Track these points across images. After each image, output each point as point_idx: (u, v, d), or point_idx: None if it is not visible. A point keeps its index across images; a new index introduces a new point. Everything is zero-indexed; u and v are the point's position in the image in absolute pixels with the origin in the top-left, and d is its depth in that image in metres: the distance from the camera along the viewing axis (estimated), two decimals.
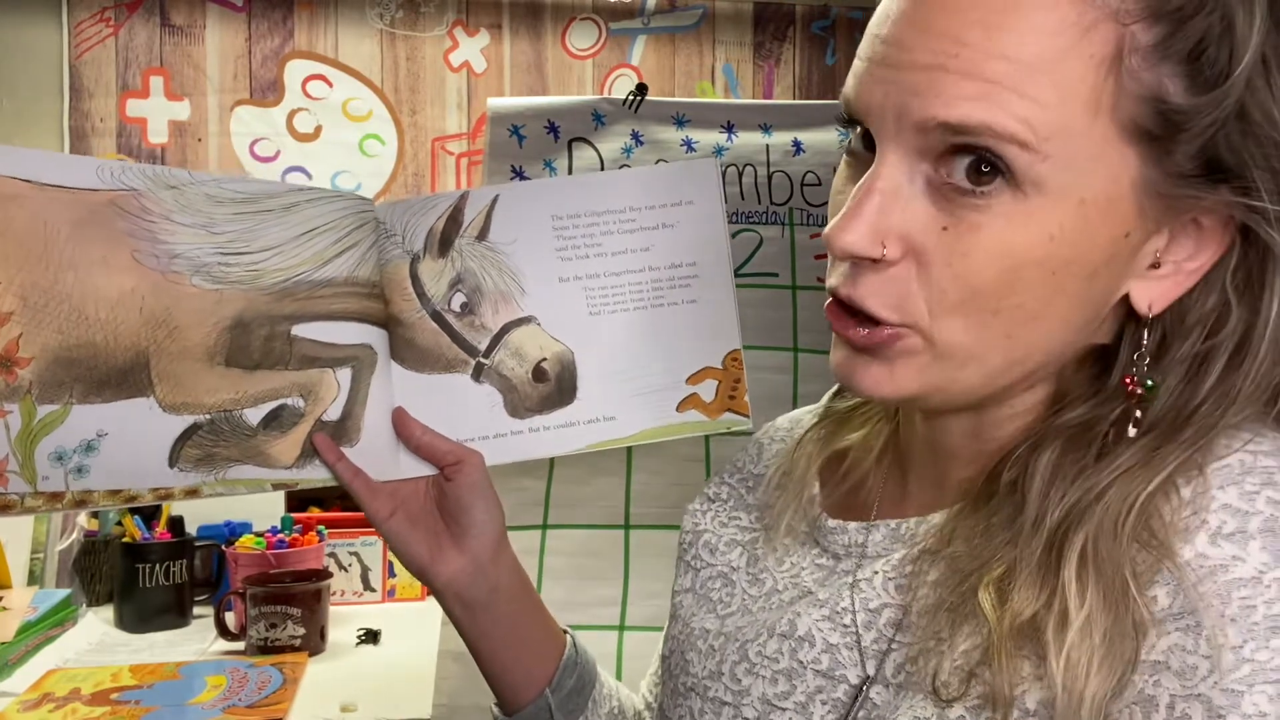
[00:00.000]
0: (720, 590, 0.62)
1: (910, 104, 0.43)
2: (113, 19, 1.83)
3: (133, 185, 0.60)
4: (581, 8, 1.97)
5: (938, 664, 0.46)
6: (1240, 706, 0.37)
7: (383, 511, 0.65)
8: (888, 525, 0.55)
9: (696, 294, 0.70)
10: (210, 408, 0.62)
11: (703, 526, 0.66)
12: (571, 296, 0.69)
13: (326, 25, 1.90)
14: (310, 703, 1.09)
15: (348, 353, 0.66)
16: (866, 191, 0.45)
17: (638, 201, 0.70)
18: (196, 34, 1.86)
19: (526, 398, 0.69)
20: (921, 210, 0.44)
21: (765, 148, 1.10)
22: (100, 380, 0.59)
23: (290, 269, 0.64)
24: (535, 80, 1.96)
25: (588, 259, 0.69)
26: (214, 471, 0.62)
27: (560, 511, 1.05)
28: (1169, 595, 0.40)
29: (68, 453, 0.59)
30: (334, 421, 0.65)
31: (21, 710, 1.04)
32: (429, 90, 1.93)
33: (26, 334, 0.57)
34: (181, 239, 0.61)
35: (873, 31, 0.46)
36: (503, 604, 0.68)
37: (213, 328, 0.62)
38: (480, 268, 0.69)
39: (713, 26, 2.01)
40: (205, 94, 1.86)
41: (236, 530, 1.52)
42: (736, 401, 0.71)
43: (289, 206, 0.64)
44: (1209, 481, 0.42)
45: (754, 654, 0.55)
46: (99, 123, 1.83)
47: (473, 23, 1.94)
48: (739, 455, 0.70)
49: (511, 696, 0.70)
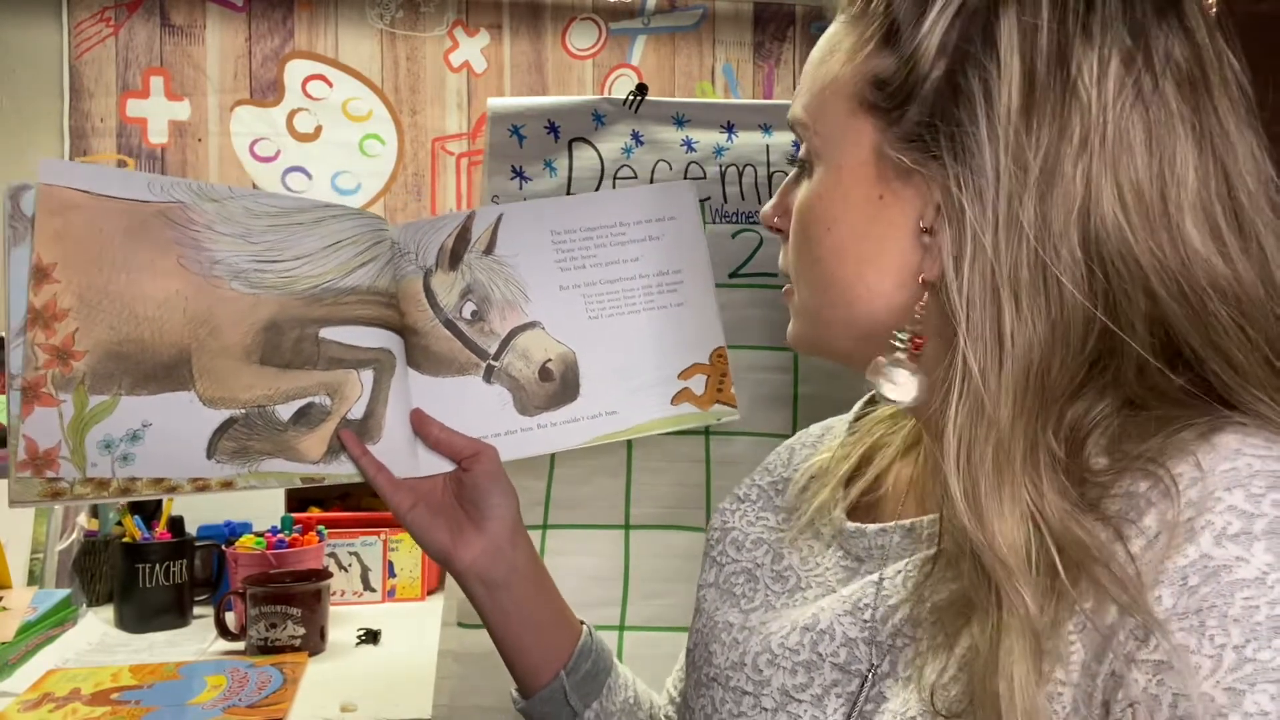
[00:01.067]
0: (744, 585, 0.64)
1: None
2: (113, 19, 1.83)
3: (179, 198, 0.66)
4: (581, 8, 1.97)
5: (941, 662, 0.47)
6: (1242, 705, 0.37)
7: (405, 504, 0.70)
8: (903, 526, 0.56)
9: (683, 297, 0.77)
10: (245, 403, 0.67)
11: (731, 524, 0.69)
12: (572, 303, 0.75)
13: (326, 25, 1.90)
14: (310, 703, 1.09)
15: (370, 355, 0.71)
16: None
17: (627, 217, 0.77)
18: (196, 34, 1.86)
19: (534, 396, 0.74)
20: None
21: (765, 148, 1.10)
22: (147, 374, 0.64)
23: (319, 276, 0.70)
24: (535, 80, 1.96)
25: (585, 269, 0.76)
26: (248, 464, 0.67)
27: (560, 511, 1.05)
28: (1173, 595, 0.41)
29: (115, 441, 0.63)
30: (358, 420, 0.70)
31: (21, 710, 1.04)
32: (429, 90, 1.93)
33: (82, 329, 0.63)
34: (222, 247, 0.67)
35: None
36: (521, 584, 0.72)
37: (249, 328, 0.67)
38: (488, 279, 0.75)
39: (713, 26, 2.01)
40: (205, 94, 1.87)
41: (236, 530, 1.52)
42: (724, 394, 0.78)
43: (318, 220, 0.70)
44: (1215, 483, 0.42)
45: (776, 645, 0.57)
46: (99, 123, 1.83)
47: (473, 23, 1.94)
48: (770, 458, 0.73)
49: (529, 679, 0.73)
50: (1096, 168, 0.45)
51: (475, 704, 1.00)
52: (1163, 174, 0.45)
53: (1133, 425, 0.46)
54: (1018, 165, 0.45)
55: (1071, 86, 0.45)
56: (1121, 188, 0.45)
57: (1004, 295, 0.45)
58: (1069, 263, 0.45)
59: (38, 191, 0.62)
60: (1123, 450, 0.45)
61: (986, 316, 0.46)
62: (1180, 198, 0.45)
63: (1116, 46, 0.46)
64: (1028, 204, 0.45)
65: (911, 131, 0.49)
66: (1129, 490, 0.44)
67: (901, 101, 0.49)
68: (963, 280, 0.46)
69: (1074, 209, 0.45)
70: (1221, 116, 0.47)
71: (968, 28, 0.47)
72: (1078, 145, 0.45)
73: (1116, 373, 0.47)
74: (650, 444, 1.07)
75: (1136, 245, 0.45)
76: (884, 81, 0.50)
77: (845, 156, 0.52)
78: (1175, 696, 0.39)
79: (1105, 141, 0.45)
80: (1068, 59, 0.46)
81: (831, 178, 0.53)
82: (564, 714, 0.73)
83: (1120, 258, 0.45)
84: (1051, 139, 0.45)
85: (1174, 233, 0.45)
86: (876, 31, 0.51)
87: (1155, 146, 0.46)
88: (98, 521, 1.53)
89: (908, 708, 0.49)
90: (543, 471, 1.05)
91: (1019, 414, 0.45)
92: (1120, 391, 0.47)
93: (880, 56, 0.50)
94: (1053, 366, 0.46)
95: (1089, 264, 0.45)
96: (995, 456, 0.45)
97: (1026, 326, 0.45)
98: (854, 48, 0.52)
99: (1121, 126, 0.45)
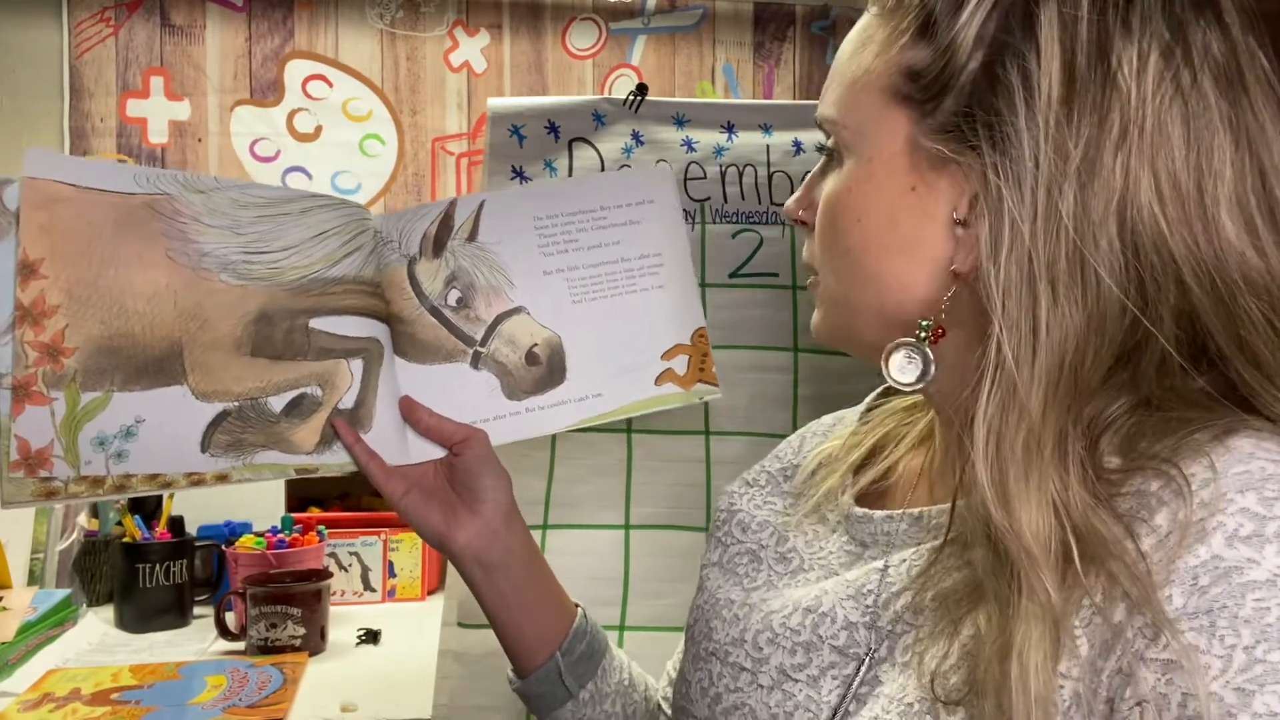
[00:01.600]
0: (747, 565, 0.65)
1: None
2: (113, 19, 1.83)
3: (165, 189, 0.66)
4: (581, 8, 1.97)
5: (942, 650, 0.48)
6: (1251, 705, 0.38)
7: (398, 491, 0.71)
8: (911, 514, 0.57)
9: (664, 280, 0.78)
10: (238, 395, 0.67)
11: (738, 506, 0.70)
12: (555, 287, 0.76)
13: (326, 25, 1.90)
14: (310, 703, 1.09)
15: (359, 344, 0.71)
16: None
17: (607, 202, 0.78)
18: (196, 34, 1.86)
19: (521, 381, 0.75)
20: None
21: (765, 148, 1.10)
22: (139, 369, 0.64)
23: (306, 267, 0.69)
24: (535, 80, 1.96)
25: (567, 253, 0.77)
26: (242, 457, 0.67)
27: (560, 511, 1.05)
28: (1183, 595, 0.41)
29: (109, 438, 0.63)
30: (349, 409, 0.70)
31: (21, 710, 1.04)
32: (429, 90, 1.93)
33: (72, 325, 0.62)
34: (210, 239, 0.67)
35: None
36: (516, 566, 0.73)
37: (239, 320, 0.67)
38: (472, 265, 0.75)
39: (713, 26, 2.01)
40: (205, 94, 1.86)
41: (236, 530, 1.52)
42: (706, 373, 0.79)
43: (304, 211, 0.70)
44: (1228, 485, 0.42)
45: (778, 624, 0.58)
46: (99, 123, 1.83)
47: (473, 23, 1.94)
48: (781, 446, 0.74)
49: (525, 660, 0.74)
50: (1135, 159, 0.46)
51: (475, 704, 1.00)
52: (1200, 167, 0.46)
53: (1148, 426, 0.46)
54: (1058, 154, 0.46)
55: (1112, 79, 0.46)
56: (1159, 179, 0.46)
57: (1041, 285, 0.46)
58: (1107, 253, 0.46)
59: (22, 185, 0.61)
60: (1136, 450, 0.46)
61: (1023, 306, 0.46)
62: (1216, 190, 0.46)
63: (1155, 40, 0.46)
64: (1068, 193, 0.46)
65: (948, 122, 0.50)
66: (1140, 489, 0.45)
67: (937, 92, 0.50)
68: (999, 269, 0.47)
69: (1113, 199, 0.46)
70: (1257, 112, 0.47)
71: (1006, 19, 0.48)
72: (1117, 137, 0.46)
73: (1135, 370, 0.47)
74: (650, 444, 1.07)
75: (1171, 237, 0.45)
76: (919, 73, 0.51)
77: (877, 148, 0.53)
78: (1184, 696, 0.39)
79: (1144, 134, 0.46)
80: (1108, 52, 0.46)
81: (863, 169, 0.54)
82: (559, 694, 0.74)
83: (1154, 248, 0.46)
84: (1092, 130, 0.46)
85: (1209, 225, 0.46)
86: (912, 24, 0.51)
87: (1193, 140, 0.46)
88: (98, 521, 1.53)
89: (905, 693, 0.49)
90: (543, 471, 1.05)
91: (1050, 404, 0.45)
92: (1137, 391, 0.47)
93: (915, 49, 0.51)
94: (1086, 358, 0.46)
95: (1125, 254, 0.46)
96: (1025, 445, 0.45)
97: (1063, 316, 0.46)
98: (887, 40, 0.52)
99: (1160, 119, 0.46)
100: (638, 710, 0.77)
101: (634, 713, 0.77)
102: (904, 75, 0.51)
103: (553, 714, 0.75)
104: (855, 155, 0.54)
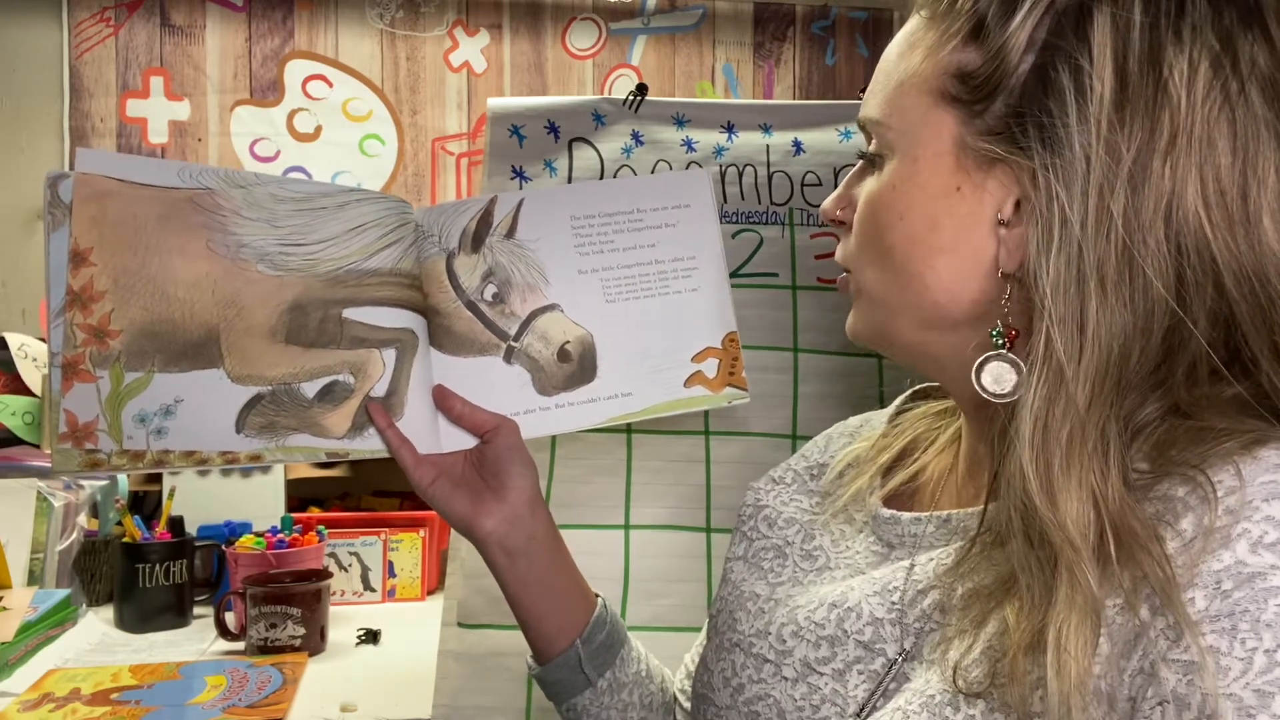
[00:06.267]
0: (772, 560, 0.66)
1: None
2: (113, 19, 1.83)
3: (208, 185, 0.69)
4: (581, 8, 1.97)
5: (966, 644, 0.49)
6: (1270, 707, 0.38)
7: (426, 478, 0.72)
8: (939, 517, 0.58)
9: (697, 283, 0.79)
10: (272, 380, 0.70)
11: (764, 502, 0.71)
12: (590, 286, 0.78)
13: (326, 25, 1.90)
14: (310, 703, 1.09)
15: (392, 335, 0.73)
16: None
17: (643, 204, 0.79)
18: (196, 34, 1.86)
19: (553, 376, 0.77)
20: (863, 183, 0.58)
21: (765, 148, 1.10)
22: (178, 352, 0.68)
23: (342, 259, 0.72)
24: (535, 80, 1.96)
25: (602, 253, 0.78)
26: (275, 439, 0.70)
27: (560, 511, 1.05)
28: (1206, 598, 0.41)
29: (149, 415, 0.67)
30: (381, 398, 0.72)
31: (21, 710, 1.04)
32: (429, 90, 1.93)
33: (117, 310, 0.66)
34: (248, 231, 0.70)
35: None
36: (540, 553, 0.75)
37: (274, 309, 0.70)
38: (509, 262, 0.77)
39: (713, 26, 2.01)
40: (205, 94, 1.87)
41: (236, 530, 1.52)
42: (735, 377, 0.80)
43: (341, 205, 0.73)
44: (1254, 493, 0.43)
45: (803, 618, 0.59)
46: (99, 123, 1.83)
47: (473, 23, 1.94)
48: (807, 445, 0.75)
49: (545, 646, 0.76)
50: (1183, 165, 0.46)
51: (475, 704, 1.00)
52: (1245, 174, 0.47)
53: (1178, 433, 0.47)
54: (1111, 156, 0.47)
55: (1163, 86, 0.47)
56: (1205, 185, 0.47)
57: (1090, 284, 0.47)
58: (1155, 253, 0.46)
59: (75, 179, 0.65)
60: (1165, 457, 0.47)
61: (1071, 303, 0.47)
62: (1261, 198, 0.47)
63: (1205, 51, 0.47)
64: (1120, 194, 0.46)
65: (998, 123, 0.51)
66: (1166, 494, 0.45)
67: (988, 94, 0.51)
68: (1048, 268, 0.47)
69: (1161, 202, 0.46)
70: None
71: (1059, 24, 0.49)
72: (1166, 142, 0.47)
73: (1168, 375, 0.48)
74: (650, 444, 1.07)
75: (1214, 241, 0.46)
76: (969, 75, 0.51)
77: (923, 148, 0.54)
78: (1204, 697, 0.40)
79: (1193, 141, 0.46)
80: (1159, 59, 0.47)
81: (907, 169, 0.54)
82: (578, 681, 0.75)
83: (1196, 252, 0.47)
84: (1143, 134, 0.47)
85: (1251, 230, 0.47)
86: (963, 27, 0.52)
87: (1239, 148, 0.47)
88: (98, 521, 1.53)
89: (928, 685, 0.50)
90: (543, 471, 1.05)
91: (1096, 399, 0.46)
92: (1168, 398, 0.48)
93: (965, 51, 0.52)
94: (1131, 356, 0.47)
95: (1170, 256, 0.47)
96: (1070, 438, 0.46)
97: (1111, 314, 0.47)
98: (936, 43, 0.53)
99: (1209, 127, 0.47)
100: (654, 701, 0.78)
101: (650, 704, 0.77)
102: (953, 77, 0.52)
103: (570, 701, 0.76)
104: (900, 155, 0.55)
